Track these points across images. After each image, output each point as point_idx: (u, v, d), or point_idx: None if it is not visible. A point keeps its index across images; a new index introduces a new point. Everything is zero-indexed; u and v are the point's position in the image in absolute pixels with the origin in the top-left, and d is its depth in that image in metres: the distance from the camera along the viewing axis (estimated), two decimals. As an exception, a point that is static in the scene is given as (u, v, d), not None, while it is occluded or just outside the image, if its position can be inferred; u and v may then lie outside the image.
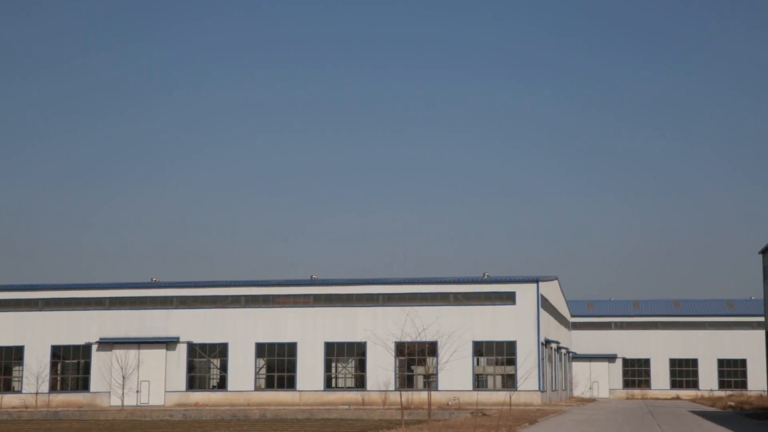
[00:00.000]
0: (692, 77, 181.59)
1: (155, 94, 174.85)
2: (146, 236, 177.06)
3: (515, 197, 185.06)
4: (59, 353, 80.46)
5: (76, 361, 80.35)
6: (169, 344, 79.23)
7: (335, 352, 78.60)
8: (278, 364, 79.04)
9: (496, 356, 77.23)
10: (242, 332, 79.02)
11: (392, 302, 77.88)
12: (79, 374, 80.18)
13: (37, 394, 77.86)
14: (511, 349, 76.92)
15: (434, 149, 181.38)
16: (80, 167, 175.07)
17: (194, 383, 79.44)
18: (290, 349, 78.79)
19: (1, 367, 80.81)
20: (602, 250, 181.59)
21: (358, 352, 78.51)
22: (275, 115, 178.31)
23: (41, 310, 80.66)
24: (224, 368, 79.40)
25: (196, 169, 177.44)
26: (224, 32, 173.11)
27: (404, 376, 77.79)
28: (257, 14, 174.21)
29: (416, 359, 76.98)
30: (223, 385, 79.32)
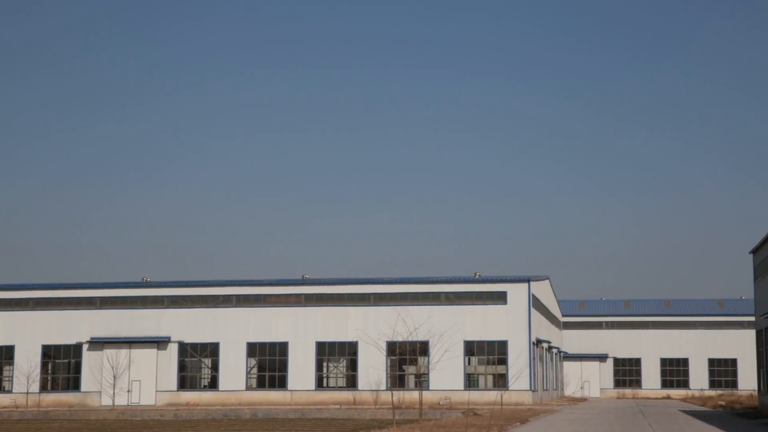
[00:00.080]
0: (692, 77, 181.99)
1: (155, 94, 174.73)
2: (138, 236, 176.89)
3: (513, 197, 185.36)
4: (50, 353, 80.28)
5: (66, 360, 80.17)
6: (160, 344, 79.12)
7: (326, 351, 78.58)
8: (269, 363, 78.98)
9: (487, 356, 77.29)
10: (233, 332, 78.95)
11: (384, 302, 77.87)
12: (69, 374, 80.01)
13: (27, 393, 77.68)
14: (502, 348, 76.99)
15: (434, 149, 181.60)
16: (80, 167, 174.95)
17: (185, 383, 79.34)
18: (281, 348, 78.74)
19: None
20: (594, 249, 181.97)
21: (349, 351, 78.51)
22: (275, 115, 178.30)
23: (32, 309, 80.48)
24: (215, 368, 79.33)
25: (194, 169, 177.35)
26: (224, 32, 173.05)
27: (395, 375, 77.80)
28: (257, 14, 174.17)
29: (408, 359, 77.01)
30: (214, 384, 79.24)
